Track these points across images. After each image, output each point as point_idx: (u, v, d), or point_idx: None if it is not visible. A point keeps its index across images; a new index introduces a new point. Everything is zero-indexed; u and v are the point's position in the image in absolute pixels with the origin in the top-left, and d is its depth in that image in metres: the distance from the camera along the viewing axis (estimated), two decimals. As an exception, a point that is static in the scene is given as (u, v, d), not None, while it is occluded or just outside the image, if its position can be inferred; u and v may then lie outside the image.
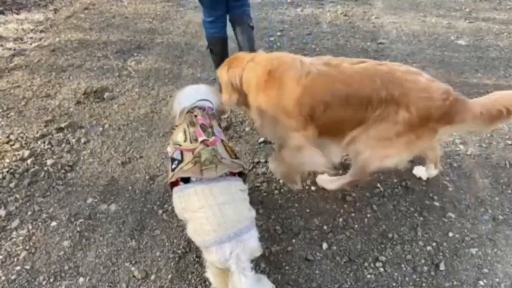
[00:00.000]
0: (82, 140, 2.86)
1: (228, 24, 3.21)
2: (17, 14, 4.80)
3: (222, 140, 1.89)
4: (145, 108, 3.20)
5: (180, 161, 1.77)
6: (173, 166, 1.78)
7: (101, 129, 2.97)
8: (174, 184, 1.74)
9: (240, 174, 1.80)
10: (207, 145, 1.77)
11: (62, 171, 2.60)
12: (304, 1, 5.22)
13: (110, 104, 3.25)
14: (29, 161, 2.65)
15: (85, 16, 4.71)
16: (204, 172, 1.67)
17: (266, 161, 2.68)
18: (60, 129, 2.95)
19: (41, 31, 4.37)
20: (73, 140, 2.86)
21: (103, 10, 4.87)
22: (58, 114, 3.10)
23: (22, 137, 2.87)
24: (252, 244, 1.66)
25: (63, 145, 2.81)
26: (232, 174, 1.76)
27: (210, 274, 1.74)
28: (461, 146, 2.81)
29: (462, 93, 2.07)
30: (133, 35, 4.30)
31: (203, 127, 1.88)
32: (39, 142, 2.82)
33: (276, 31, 4.47)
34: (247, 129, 2.99)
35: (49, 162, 2.65)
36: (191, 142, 1.82)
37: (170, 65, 3.79)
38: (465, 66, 3.77)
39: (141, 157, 2.73)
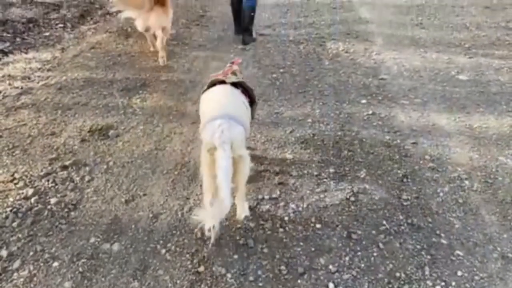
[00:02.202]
0: (86, 178, 2.86)
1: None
2: (26, 53, 4.90)
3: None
4: (149, 145, 3.22)
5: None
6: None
7: (105, 166, 2.98)
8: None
9: (252, 103, 2.65)
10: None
11: (66, 209, 2.59)
12: (305, 38, 5.33)
13: (114, 141, 3.27)
14: (32, 200, 2.65)
15: (92, 55, 4.81)
16: (227, 79, 2.56)
17: (270, 198, 2.67)
18: (64, 167, 2.96)
19: (48, 70, 4.46)
20: (77, 178, 2.86)
21: (110, 49, 4.97)
22: (62, 152, 3.12)
23: (26, 176, 2.87)
24: (237, 131, 2.20)
25: (67, 183, 2.81)
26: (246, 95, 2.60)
27: (202, 164, 2.23)
28: (467, 182, 2.80)
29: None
30: (138, 73, 4.38)
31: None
32: (43, 181, 2.82)
33: (279, 68, 4.54)
34: (250, 164, 2.98)
35: (52, 200, 2.65)
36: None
37: (174, 102, 3.84)
38: (467, 101, 3.80)
39: (144, 194, 2.72)
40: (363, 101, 3.83)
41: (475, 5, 6.42)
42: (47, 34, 5.53)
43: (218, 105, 2.35)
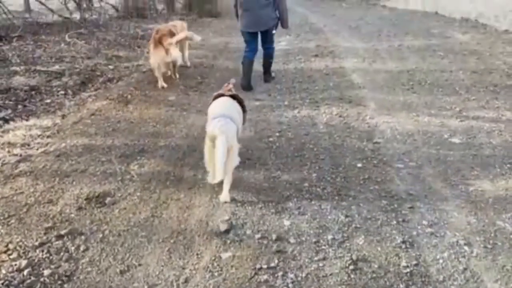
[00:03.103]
0: (81, 248, 2.82)
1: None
2: (27, 120, 5.01)
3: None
4: (145, 212, 3.21)
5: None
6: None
7: (101, 235, 2.95)
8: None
9: (244, 111, 3.79)
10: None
11: (59, 282, 2.53)
12: (300, 103, 5.48)
13: (111, 209, 3.26)
14: (25, 272, 2.59)
15: (92, 121, 4.91)
16: (225, 93, 3.74)
17: (268, 267, 2.62)
18: (59, 236, 2.92)
19: (48, 137, 4.53)
20: (72, 248, 2.82)
21: (109, 115, 5.09)
22: (58, 221, 3.10)
23: (20, 246, 2.83)
24: (230, 126, 3.24)
25: (62, 253, 2.77)
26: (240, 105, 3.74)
27: (205, 150, 3.27)
28: (466, 247, 2.77)
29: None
30: (137, 139, 4.45)
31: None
32: (37, 251, 2.78)
33: (275, 131, 4.64)
34: (248, 231, 2.97)
35: (46, 272, 2.59)
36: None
37: (172, 168, 3.87)
38: (462, 164, 3.85)
39: (140, 264, 2.67)
40: (359, 164, 3.88)
41: (462, 70, 6.69)
42: (48, 101, 5.68)
43: (219, 109, 3.47)
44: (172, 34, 6.13)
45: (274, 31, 6.00)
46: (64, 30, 9.51)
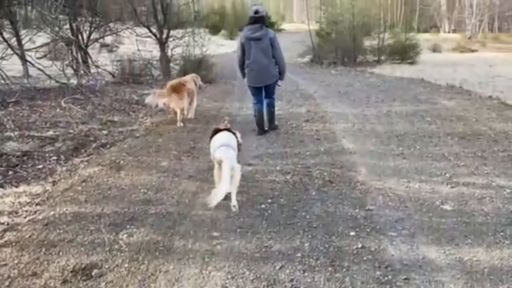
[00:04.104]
0: (64, 326, 2.69)
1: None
2: (16, 187, 4.96)
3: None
4: (133, 285, 3.11)
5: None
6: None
7: (85, 311, 2.83)
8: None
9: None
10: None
11: None
12: (292, 168, 5.52)
13: (97, 282, 3.15)
14: None
15: (82, 188, 4.88)
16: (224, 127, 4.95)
17: None
18: (41, 313, 2.80)
19: (37, 204, 4.47)
20: (54, 326, 2.69)
21: (100, 182, 5.07)
22: (42, 295, 2.98)
23: (-1, 324, 2.70)
24: (231, 152, 4.39)
25: (43, 332, 2.63)
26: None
27: (214, 172, 4.38)
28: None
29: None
30: (127, 207, 4.40)
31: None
32: (17, 330, 2.65)
33: (267, 198, 4.62)
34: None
35: None
36: None
37: (161, 237, 3.80)
38: (455, 232, 3.82)
39: None
40: (352, 233, 3.84)
41: (450, 135, 6.83)
42: (40, 166, 5.67)
43: (221, 139, 4.60)
44: (183, 85, 7.93)
45: (279, 84, 7.35)
46: (61, 95, 9.69)
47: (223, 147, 4.40)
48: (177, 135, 7.14)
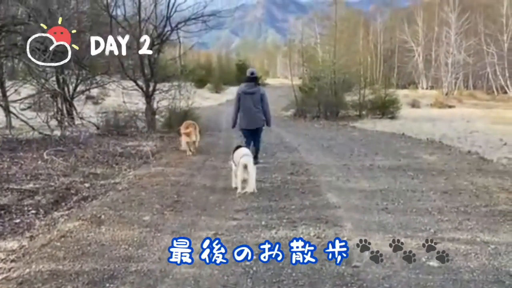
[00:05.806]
0: None
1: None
2: (-8, 242, 4.78)
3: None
4: None
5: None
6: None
7: None
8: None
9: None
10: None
11: None
12: (278, 223, 5.45)
13: None
14: None
15: (61, 244, 4.71)
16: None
17: None
18: None
19: (12, 261, 4.29)
20: None
21: (80, 237, 4.91)
22: None
23: None
24: (251, 158, 6.98)
25: None
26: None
27: (238, 172, 6.79)
28: None
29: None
30: (107, 263, 4.25)
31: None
32: None
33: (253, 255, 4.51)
34: None
35: None
36: None
37: (142, 297, 3.65)
38: (443, 291, 3.77)
39: None
40: (339, 291, 3.75)
41: (433, 190, 6.91)
42: (17, 221, 5.50)
43: (244, 151, 6.98)
44: (194, 125, 10.55)
45: (263, 127, 9.10)
46: (43, 147, 9.62)
47: (246, 156, 6.76)
48: (160, 188, 7.06)
